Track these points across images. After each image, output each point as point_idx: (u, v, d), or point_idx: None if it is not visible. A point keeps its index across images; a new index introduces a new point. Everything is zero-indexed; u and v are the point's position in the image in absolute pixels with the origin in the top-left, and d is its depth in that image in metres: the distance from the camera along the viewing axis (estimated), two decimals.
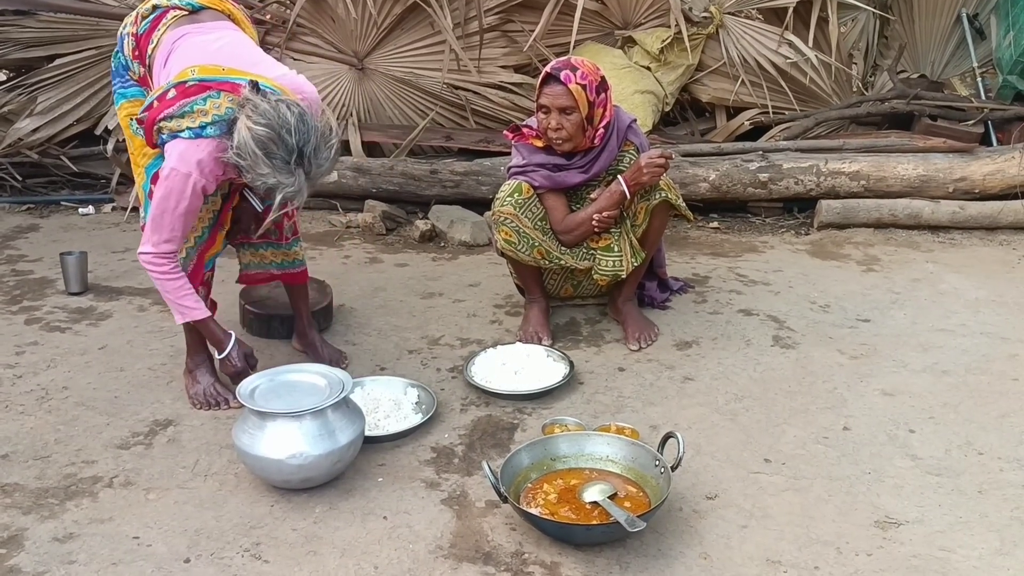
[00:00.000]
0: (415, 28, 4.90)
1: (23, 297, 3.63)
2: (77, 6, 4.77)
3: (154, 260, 2.53)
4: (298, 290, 3.04)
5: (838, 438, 2.63)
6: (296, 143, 2.28)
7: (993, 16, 5.37)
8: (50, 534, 2.19)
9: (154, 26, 2.60)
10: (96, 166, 5.01)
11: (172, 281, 2.57)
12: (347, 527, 2.23)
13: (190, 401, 2.79)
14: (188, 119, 2.39)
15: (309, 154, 2.32)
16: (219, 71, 2.43)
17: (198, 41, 2.53)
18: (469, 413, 2.78)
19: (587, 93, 2.92)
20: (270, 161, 2.29)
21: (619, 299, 3.30)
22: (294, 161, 2.30)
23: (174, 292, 2.58)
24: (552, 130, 2.98)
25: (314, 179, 2.38)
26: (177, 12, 2.61)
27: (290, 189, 2.32)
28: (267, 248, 2.95)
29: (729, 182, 4.52)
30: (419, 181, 4.57)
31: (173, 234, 2.50)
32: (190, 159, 2.40)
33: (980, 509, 2.30)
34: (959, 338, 3.28)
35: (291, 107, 2.30)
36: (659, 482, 2.26)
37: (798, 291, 3.71)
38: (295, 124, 2.28)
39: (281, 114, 2.27)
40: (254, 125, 2.26)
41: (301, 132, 2.29)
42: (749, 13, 5.00)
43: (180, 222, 2.48)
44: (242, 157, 2.30)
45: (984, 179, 4.47)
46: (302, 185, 2.34)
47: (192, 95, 2.39)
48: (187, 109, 2.39)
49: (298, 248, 2.99)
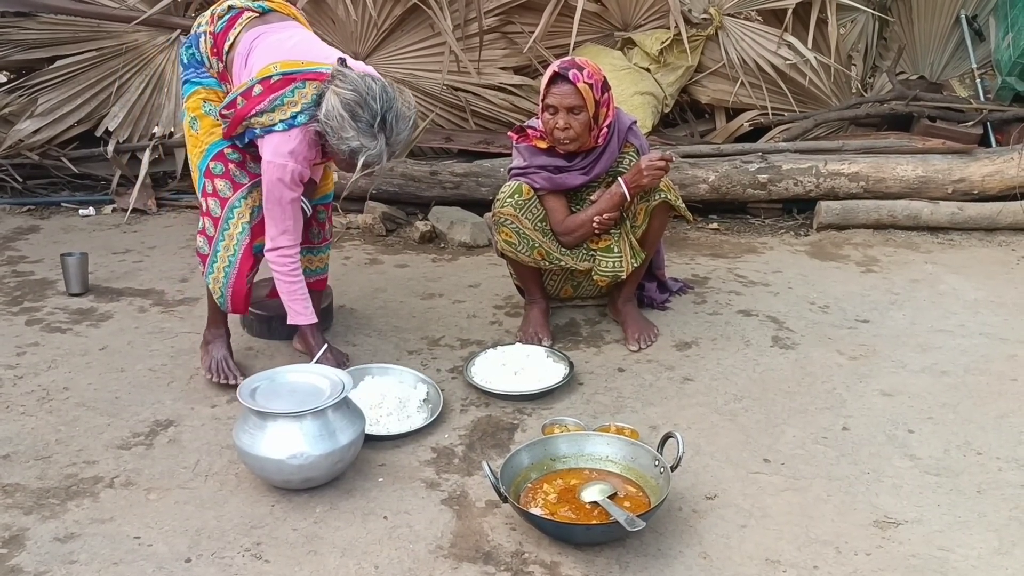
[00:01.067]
0: (415, 30, 4.91)
1: (24, 298, 3.63)
2: (78, 8, 4.78)
3: (276, 259, 2.73)
4: (315, 295, 3.08)
5: (837, 438, 2.64)
6: (380, 108, 2.48)
7: (992, 17, 5.38)
8: (51, 534, 2.20)
9: (230, 26, 2.76)
10: (97, 168, 5.01)
11: (290, 283, 2.78)
12: (348, 527, 2.24)
13: (203, 369, 2.94)
14: (279, 112, 2.57)
15: (391, 121, 2.51)
16: (300, 64, 2.60)
17: (274, 40, 2.70)
18: (469, 413, 2.78)
19: (594, 92, 2.94)
20: (356, 123, 2.47)
21: (619, 300, 3.31)
22: (377, 125, 2.48)
23: (289, 294, 2.79)
24: (559, 130, 2.97)
25: (393, 146, 2.55)
26: (251, 14, 2.77)
27: (372, 152, 2.51)
28: (304, 254, 2.99)
29: (728, 183, 4.53)
30: (419, 182, 4.58)
31: (286, 224, 2.69)
32: (283, 150, 2.58)
33: (979, 509, 2.31)
34: (958, 338, 3.29)
35: (375, 79, 2.52)
36: (659, 482, 2.26)
37: (797, 292, 3.72)
38: (379, 92, 2.48)
39: (367, 83, 2.48)
40: (343, 90, 2.46)
41: (384, 100, 2.49)
42: (748, 15, 5.01)
43: (289, 211, 2.67)
44: (330, 121, 2.48)
45: (983, 180, 4.48)
46: (383, 149, 2.52)
47: (279, 89, 2.57)
48: (277, 103, 2.56)
49: (326, 254, 3.15)
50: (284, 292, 2.79)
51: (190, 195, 4.85)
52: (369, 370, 2.88)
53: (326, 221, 3.10)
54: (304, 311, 2.81)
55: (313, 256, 3.11)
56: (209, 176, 2.77)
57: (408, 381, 2.84)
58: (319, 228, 3.08)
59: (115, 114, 4.88)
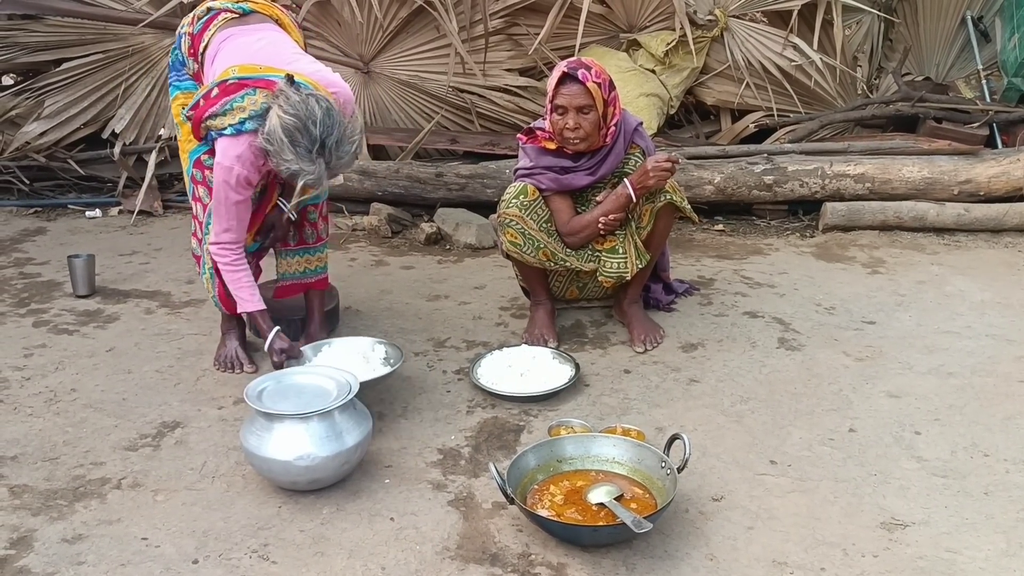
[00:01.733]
0: (420, 32, 4.92)
1: (31, 300, 3.64)
2: (84, 10, 4.80)
3: (218, 251, 2.77)
4: (318, 294, 3.18)
5: (844, 440, 2.63)
6: (320, 134, 2.44)
7: (998, 18, 5.37)
8: (59, 535, 2.20)
9: (206, 26, 2.80)
10: (103, 169, 5.03)
11: (232, 272, 2.80)
12: (354, 528, 2.24)
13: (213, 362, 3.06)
14: (229, 116, 2.59)
15: (331, 146, 2.48)
16: (257, 69, 2.61)
17: (241, 42, 2.73)
18: (475, 415, 2.78)
19: (602, 91, 2.94)
20: (295, 149, 2.45)
21: (624, 301, 3.31)
22: (316, 151, 2.46)
23: (233, 283, 2.81)
24: (569, 130, 2.97)
25: (334, 169, 2.54)
26: (228, 15, 2.80)
27: (311, 177, 2.49)
28: (302, 255, 3.10)
29: (734, 184, 4.53)
30: (424, 184, 4.59)
31: (230, 224, 2.72)
32: (231, 154, 2.61)
33: (986, 511, 2.31)
34: (965, 340, 3.28)
35: (320, 101, 2.46)
36: (665, 484, 2.26)
37: (803, 293, 3.71)
38: (321, 117, 2.44)
39: (309, 107, 2.44)
40: (284, 114, 2.43)
41: (326, 125, 2.45)
42: (753, 16, 5.01)
43: (233, 212, 2.70)
44: (270, 143, 2.47)
45: (989, 181, 4.47)
46: (322, 174, 2.50)
47: (232, 93, 2.58)
48: (228, 107, 2.58)
49: (324, 253, 3.16)
50: (228, 282, 2.82)
51: None
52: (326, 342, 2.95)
53: (319, 221, 3.09)
54: (251, 298, 2.82)
55: (310, 256, 3.12)
56: (194, 181, 2.86)
57: (365, 343, 2.92)
58: (312, 228, 3.08)
59: (121, 116, 4.90)
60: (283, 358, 2.78)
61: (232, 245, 2.77)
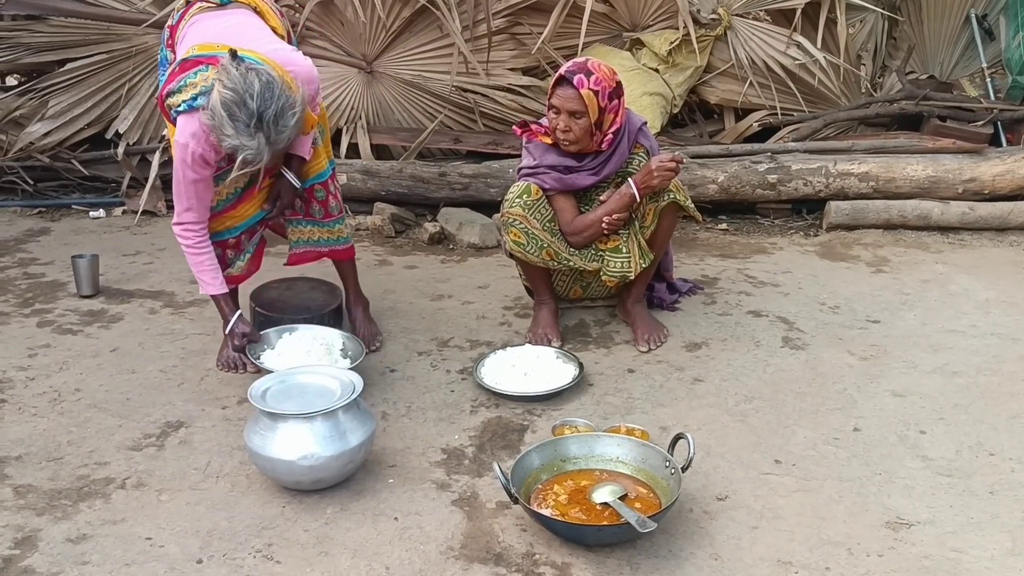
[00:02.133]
0: (423, 31, 4.91)
1: (35, 300, 3.65)
2: (88, 11, 4.80)
3: (180, 233, 2.78)
4: (345, 265, 3.23)
5: (848, 439, 2.63)
6: (256, 108, 2.41)
7: (1002, 17, 5.36)
8: (63, 535, 2.21)
9: (182, 17, 2.84)
10: (107, 170, 5.03)
11: (195, 255, 2.82)
12: (358, 528, 2.24)
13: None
14: (183, 93, 2.57)
15: (269, 120, 2.44)
16: (214, 47, 2.59)
17: (205, 24, 2.75)
18: (479, 414, 2.78)
19: (598, 99, 2.93)
20: (233, 123, 2.43)
21: (628, 300, 3.31)
22: (254, 125, 2.43)
23: (195, 265, 2.83)
24: (560, 131, 3.00)
25: (274, 144, 2.49)
26: (203, 4, 2.82)
27: (250, 152, 2.46)
28: (312, 225, 3.09)
29: (738, 183, 4.52)
30: (428, 183, 4.58)
31: (190, 203, 2.72)
32: (186, 131, 2.59)
33: (991, 510, 2.30)
34: (969, 339, 3.27)
35: (260, 75, 2.43)
36: (669, 483, 2.26)
37: (807, 292, 3.71)
38: (259, 91, 2.41)
39: (248, 81, 2.41)
40: (223, 89, 2.42)
41: (264, 98, 2.42)
42: (757, 15, 4.99)
43: (192, 190, 2.69)
44: (212, 118, 2.45)
45: (994, 180, 4.46)
46: (262, 148, 2.46)
47: (187, 70, 2.58)
48: (182, 84, 2.57)
49: (343, 226, 3.14)
50: (192, 265, 2.84)
51: None
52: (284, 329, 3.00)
53: (328, 198, 3.06)
54: (212, 281, 2.85)
55: (323, 229, 3.11)
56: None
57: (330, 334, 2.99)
58: (320, 205, 3.06)
59: (125, 116, 4.90)
60: (244, 342, 2.87)
61: (194, 226, 2.77)
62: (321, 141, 3.01)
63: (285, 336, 2.98)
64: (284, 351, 2.92)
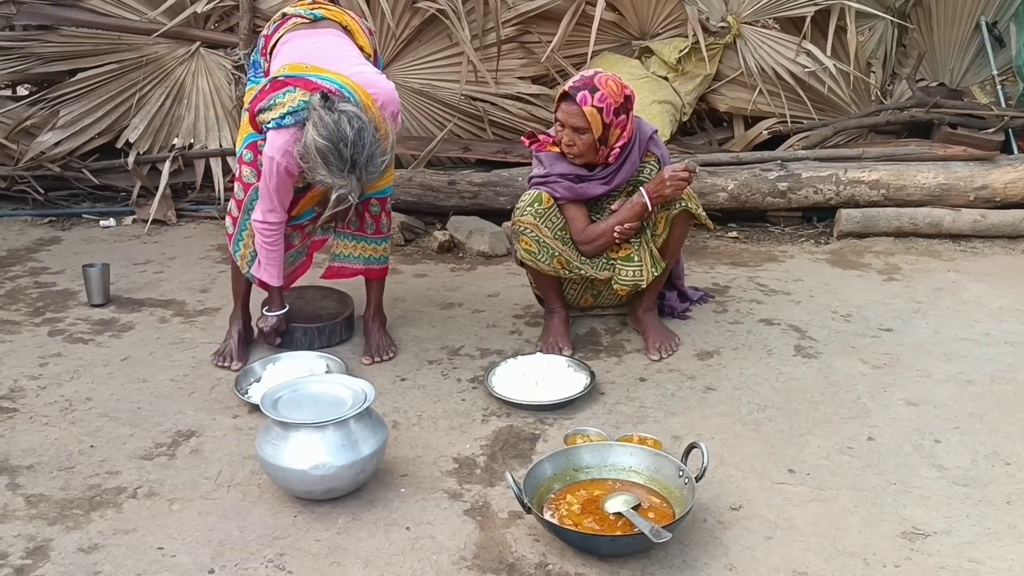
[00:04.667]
0: (433, 40, 4.92)
1: (46, 309, 3.65)
2: (99, 21, 4.82)
3: (262, 228, 2.95)
4: (374, 284, 3.29)
5: (862, 448, 2.61)
6: (350, 156, 2.58)
7: (1012, 24, 5.34)
8: (75, 545, 2.20)
9: (277, 29, 3.01)
10: (117, 179, 5.04)
11: (269, 249, 2.99)
12: (370, 538, 2.23)
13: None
14: (273, 111, 2.74)
15: (362, 164, 2.62)
16: (302, 68, 2.77)
17: (296, 44, 2.91)
18: (490, 424, 2.77)
19: (603, 116, 2.93)
20: (328, 167, 2.60)
21: (639, 309, 3.30)
22: (348, 170, 2.61)
23: (266, 257, 3.01)
24: (565, 145, 3.03)
25: (366, 183, 2.70)
26: (298, 20, 2.99)
27: (343, 191, 2.65)
28: (360, 241, 3.18)
29: (748, 191, 4.51)
30: (437, 192, 4.58)
31: (273, 205, 2.90)
32: (274, 146, 2.76)
33: (1009, 520, 2.28)
34: (983, 347, 3.25)
35: (352, 121, 2.58)
36: (683, 493, 2.25)
37: (819, 300, 3.69)
38: (352, 138, 2.57)
39: (341, 128, 2.56)
40: (317, 136, 2.57)
41: (357, 146, 2.58)
42: (766, 23, 4.99)
43: (276, 196, 2.88)
44: (305, 160, 2.63)
45: (1005, 187, 4.44)
46: (354, 188, 2.65)
47: (277, 89, 2.75)
48: (272, 103, 2.74)
49: (386, 245, 3.24)
50: (263, 257, 3.01)
51: (210, 206, 4.88)
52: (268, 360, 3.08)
53: (381, 215, 3.16)
54: (276, 275, 3.05)
55: (366, 244, 3.18)
56: (241, 162, 2.98)
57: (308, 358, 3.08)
58: (373, 220, 3.15)
59: (135, 126, 4.91)
60: (271, 336, 3.12)
61: (275, 225, 2.95)
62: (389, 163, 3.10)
63: (269, 367, 3.03)
64: (270, 382, 2.90)
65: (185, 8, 4.80)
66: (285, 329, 3.19)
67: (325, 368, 3.03)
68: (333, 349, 3.24)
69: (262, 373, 3.00)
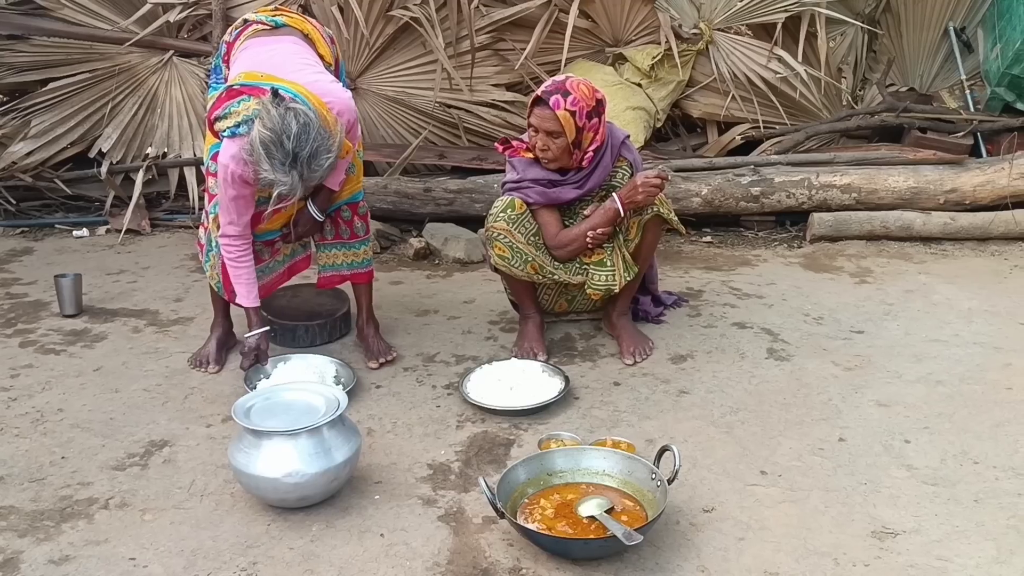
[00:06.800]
0: (407, 48, 4.92)
1: (18, 320, 3.62)
2: (70, 30, 4.79)
3: (225, 243, 2.93)
4: (361, 287, 3.31)
5: (833, 449, 2.63)
6: (293, 148, 2.54)
7: (980, 29, 5.41)
8: (46, 556, 2.18)
9: (238, 36, 2.99)
10: (90, 189, 5.01)
11: (236, 267, 2.95)
12: (344, 545, 2.23)
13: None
14: (228, 120, 2.72)
15: (304, 159, 2.57)
16: (258, 77, 2.74)
17: (254, 52, 2.89)
18: (465, 430, 2.78)
19: (575, 120, 2.95)
20: (270, 161, 2.56)
21: (613, 314, 3.31)
22: (288, 164, 2.56)
23: (235, 277, 2.97)
24: (539, 149, 3.04)
25: (307, 181, 2.63)
26: (258, 26, 2.97)
27: (284, 188, 2.59)
28: (340, 249, 3.21)
29: (721, 196, 4.54)
30: (413, 199, 4.59)
31: (231, 217, 2.86)
32: (227, 154, 2.73)
33: (976, 518, 2.31)
34: (952, 348, 3.29)
35: (298, 116, 2.55)
36: (656, 495, 2.26)
37: (792, 304, 3.72)
38: (296, 132, 2.53)
39: (286, 122, 2.53)
40: (262, 128, 2.54)
41: (300, 140, 2.54)
42: (738, 29, 5.03)
43: (232, 207, 2.84)
44: (250, 154, 2.60)
45: (974, 190, 4.50)
46: (295, 184, 2.60)
47: (232, 98, 2.73)
48: (227, 111, 2.72)
49: (367, 248, 3.26)
50: (232, 276, 2.98)
51: (184, 215, 4.86)
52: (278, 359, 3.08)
53: (354, 219, 3.18)
54: (247, 294, 2.98)
55: (347, 250, 3.21)
56: (208, 173, 3.00)
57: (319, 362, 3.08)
58: (347, 226, 3.18)
59: (108, 135, 4.88)
60: (252, 360, 2.97)
61: (237, 240, 2.92)
62: (355, 171, 3.12)
63: (280, 365, 3.04)
64: (279, 380, 2.92)
65: (158, 17, 4.78)
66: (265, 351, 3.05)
67: (334, 372, 3.03)
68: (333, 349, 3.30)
69: (272, 371, 3.01)
